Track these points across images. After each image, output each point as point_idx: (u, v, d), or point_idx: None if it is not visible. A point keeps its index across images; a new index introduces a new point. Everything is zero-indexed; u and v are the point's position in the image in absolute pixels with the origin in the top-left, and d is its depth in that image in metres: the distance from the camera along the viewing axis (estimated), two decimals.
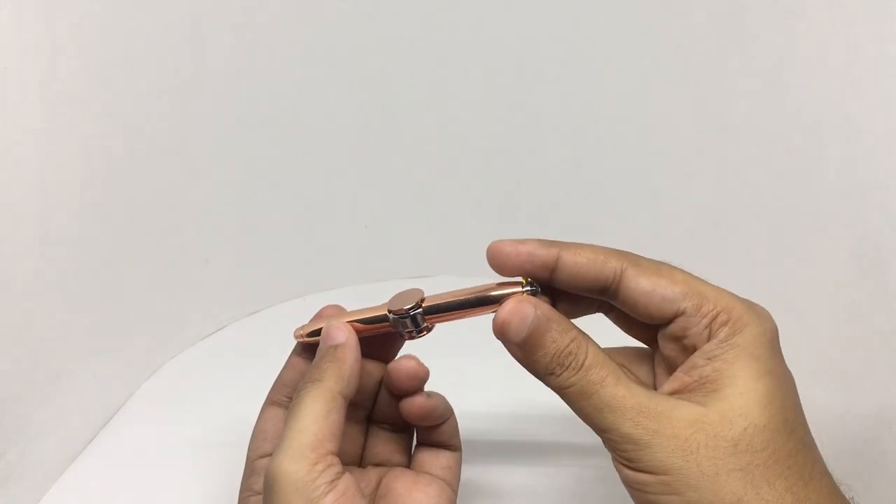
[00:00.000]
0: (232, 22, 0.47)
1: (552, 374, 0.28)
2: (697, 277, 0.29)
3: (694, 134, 0.50)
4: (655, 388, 0.30)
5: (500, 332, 0.29)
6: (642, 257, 0.29)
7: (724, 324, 0.27)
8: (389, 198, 0.58)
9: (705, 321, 0.28)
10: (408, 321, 0.31)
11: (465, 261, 0.61)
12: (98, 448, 0.45)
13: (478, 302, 0.30)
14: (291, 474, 0.26)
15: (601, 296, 0.29)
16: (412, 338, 0.32)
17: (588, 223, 0.57)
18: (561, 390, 0.28)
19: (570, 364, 0.27)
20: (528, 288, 0.29)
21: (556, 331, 0.28)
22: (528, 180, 0.57)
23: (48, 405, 0.41)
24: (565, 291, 0.30)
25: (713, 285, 0.29)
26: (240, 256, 0.55)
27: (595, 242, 0.37)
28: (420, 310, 0.31)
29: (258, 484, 0.30)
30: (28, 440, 0.39)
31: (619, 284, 0.29)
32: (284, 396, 0.33)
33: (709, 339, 0.27)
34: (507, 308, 0.28)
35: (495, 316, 0.29)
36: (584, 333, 0.29)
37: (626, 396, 0.27)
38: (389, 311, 0.31)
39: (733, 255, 0.50)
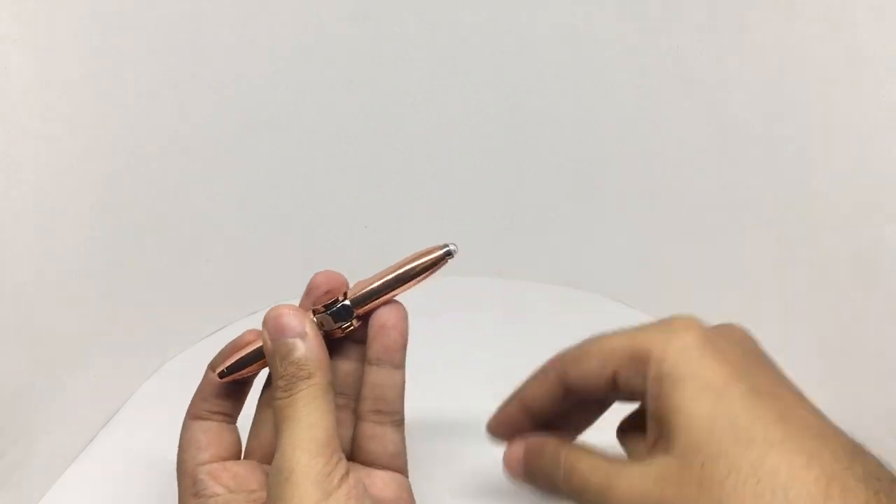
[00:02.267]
0: (232, 22, 0.47)
1: (565, 483, 0.29)
2: (610, 333, 0.30)
3: (694, 134, 0.50)
4: None
5: (511, 477, 0.32)
6: (567, 350, 0.31)
7: (645, 361, 0.27)
8: (389, 198, 0.58)
9: (633, 369, 0.28)
10: (331, 318, 0.30)
11: (465, 261, 0.61)
12: (98, 448, 0.45)
13: (404, 278, 0.31)
14: (310, 468, 0.26)
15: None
16: (342, 334, 0.31)
17: (588, 223, 0.57)
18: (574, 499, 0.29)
19: (561, 479, 0.29)
20: (447, 248, 0.31)
21: (544, 457, 0.30)
22: (527, 180, 0.57)
23: (48, 405, 0.41)
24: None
25: (627, 330, 0.29)
26: (240, 256, 0.55)
27: (594, 242, 0.36)
28: (347, 302, 0.30)
29: (209, 488, 0.30)
30: (28, 440, 0.39)
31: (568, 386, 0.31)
32: (206, 411, 0.32)
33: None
34: (505, 456, 0.33)
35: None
36: (564, 443, 0.31)
37: (590, 479, 0.28)
38: (314, 311, 0.31)
39: (734, 255, 0.50)
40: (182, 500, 0.31)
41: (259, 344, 0.31)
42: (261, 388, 0.33)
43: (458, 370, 0.51)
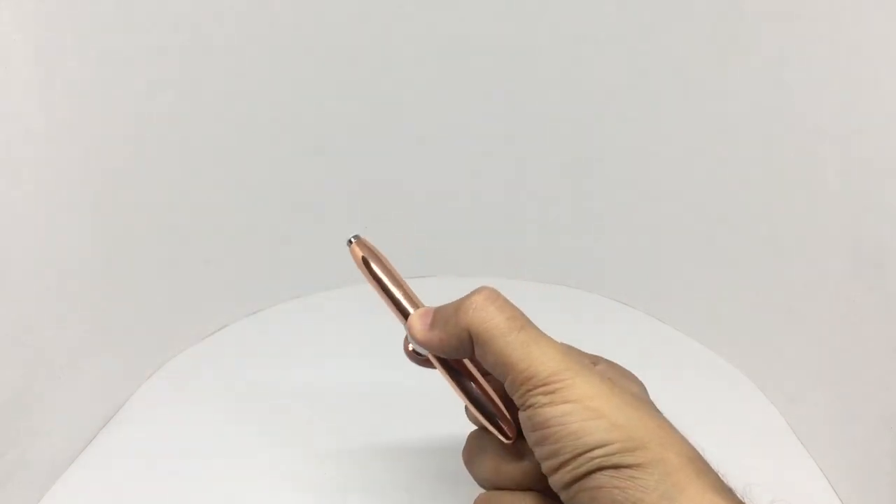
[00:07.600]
0: (232, 22, 0.47)
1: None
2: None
3: (694, 134, 0.50)
4: None
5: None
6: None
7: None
8: (389, 198, 0.58)
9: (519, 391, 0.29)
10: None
11: (465, 261, 0.61)
12: (98, 448, 0.45)
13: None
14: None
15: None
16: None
17: (588, 223, 0.57)
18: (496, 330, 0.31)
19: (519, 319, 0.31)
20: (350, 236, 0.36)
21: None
22: (527, 180, 0.57)
23: (48, 405, 0.41)
24: None
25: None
26: (240, 256, 0.55)
27: (594, 242, 0.36)
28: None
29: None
30: (28, 440, 0.39)
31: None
32: None
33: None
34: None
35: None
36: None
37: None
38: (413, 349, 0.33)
39: (733, 254, 0.50)
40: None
41: None
42: None
43: None
